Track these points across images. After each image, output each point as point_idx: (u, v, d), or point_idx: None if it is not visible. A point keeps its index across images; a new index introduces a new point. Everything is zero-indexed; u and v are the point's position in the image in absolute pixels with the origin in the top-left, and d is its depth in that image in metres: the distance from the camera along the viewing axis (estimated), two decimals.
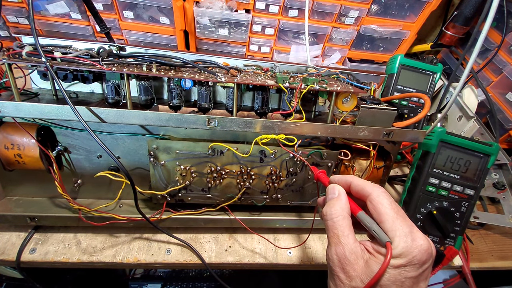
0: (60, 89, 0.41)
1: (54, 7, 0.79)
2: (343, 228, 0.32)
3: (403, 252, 0.29)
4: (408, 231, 0.30)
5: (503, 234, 0.73)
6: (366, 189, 0.34)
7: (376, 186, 0.35)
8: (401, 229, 0.30)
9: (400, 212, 0.32)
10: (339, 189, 0.36)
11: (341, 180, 0.38)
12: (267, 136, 0.49)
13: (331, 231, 0.33)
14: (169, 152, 0.50)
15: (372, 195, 0.33)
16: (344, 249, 0.31)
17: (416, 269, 0.29)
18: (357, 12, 0.83)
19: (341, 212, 0.33)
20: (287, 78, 0.48)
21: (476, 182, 0.60)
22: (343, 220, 0.33)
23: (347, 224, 0.33)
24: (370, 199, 0.34)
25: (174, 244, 0.58)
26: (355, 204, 0.35)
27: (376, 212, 0.32)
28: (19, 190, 0.56)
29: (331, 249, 0.32)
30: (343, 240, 0.31)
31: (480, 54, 0.87)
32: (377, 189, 0.34)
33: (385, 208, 0.32)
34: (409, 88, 0.71)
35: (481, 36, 0.54)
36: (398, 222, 0.31)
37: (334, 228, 0.33)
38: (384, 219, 0.31)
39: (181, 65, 0.48)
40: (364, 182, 0.36)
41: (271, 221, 0.60)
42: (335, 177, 0.39)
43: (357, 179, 0.36)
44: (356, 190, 0.36)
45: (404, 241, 0.29)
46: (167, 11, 0.82)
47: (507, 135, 0.83)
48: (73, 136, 0.51)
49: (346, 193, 0.37)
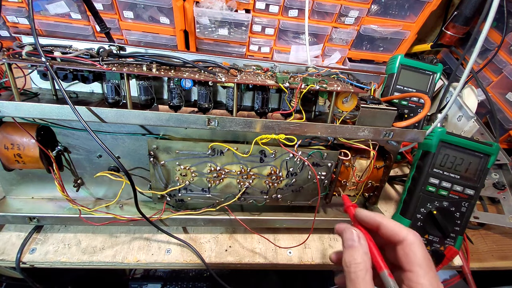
0: (60, 89, 0.41)
1: (54, 7, 0.79)
2: (365, 284, 0.30)
3: None
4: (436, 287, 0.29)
5: (503, 234, 0.73)
6: (400, 235, 0.32)
7: (410, 231, 0.33)
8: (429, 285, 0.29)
9: (432, 266, 0.31)
10: (360, 235, 0.34)
11: (368, 217, 0.35)
12: (267, 136, 0.49)
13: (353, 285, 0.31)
14: (169, 152, 0.50)
15: (407, 241, 0.32)
16: None
17: None
18: (357, 12, 0.83)
19: (364, 265, 0.31)
20: (287, 78, 0.48)
21: (476, 182, 0.60)
22: (366, 275, 0.31)
23: (369, 279, 0.31)
24: (404, 244, 0.32)
25: (174, 244, 0.58)
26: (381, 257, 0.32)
27: (407, 259, 0.31)
28: (19, 190, 0.56)
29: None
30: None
31: (480, 54, 0.87)
32: (412, 235, 0.32)
33: (418, 259, 0.31)
34: (409, 88, 0.71)
35: (481, 36, 0.54)
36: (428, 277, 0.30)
37: (357, 283, 0.31)
38: (415, 270, 0.30)
39: (181, 65, 0.48)
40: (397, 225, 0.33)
41: (271, 221, 0.60)
42: (362, 213, 0.36)
43: (387, 220, 0.34)
44: (387, 234, 0.33)
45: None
46: (167, 11, 0.82)
47: (507, 135, 0.83)
48: (73, 136, 0.51)
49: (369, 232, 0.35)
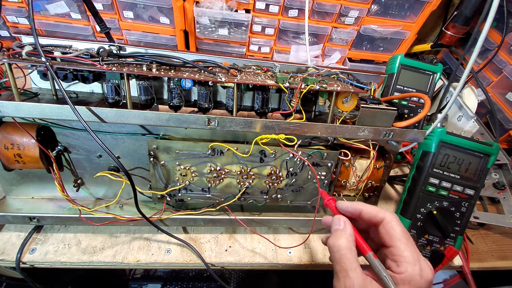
0: (60, 89, 0.41)
1: (54, 7, 0.79)
2: (351, 262, 0.33)
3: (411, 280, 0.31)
4: (417, 259, 0.32)
5: (503, 234, 0.73)
6: (379, 216, 0.35)
7: (388, 212, 0.36)
8: (411, 257, 0.32)
9: (410, 239, 0.34)
10: (345, 220, 0.37)
11: (349, 207, 0.38)
12: (267, 136, 0.49)
13: (339, 264, 0.33)
14: (169, 152, 0.50)
15: (386, 219, 0.35)
16: (353, 283, 0.31)
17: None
18: (357, 12, 0.83)
19: (347, 244, 0.34)
20: (287, 78, 0.48)
21: (476, 182, 0.60)
22: (350, 253, 0.33)
23: (354, 257, 0.33)
24: (383, 224, 0.35)
25: (174, 244, 0.58)
26: (364, 242, 0.35)
27: (388, 236, 0.34)
28: (19, 190, 0.56)
29: (340, 282, 0.33)
30: (351, 274, 0.32)
31: (480, 54, 0.87)
32: (389, 215, 0.35)
33: (397, 234, 0.34)
34: (409, 88, 0.71)
35: (481, 36, 0.54)
36: (409, 249, 0.33)
37: (341, 261, 0.33)
38: (396, 244, 0.33)
39: (181, 65, 0.48)
40: (375, 209, 0.36)
41: (271, 221, 0.60)
42: (343, 204, 0.39)
43: (367, 206, 0.37)
44: (368, 217, 0.36)
45: (412, 268, 0.31)
46: (167, 11, 0.82)
47: (507, 135, 0.83)
48: (73, 136, 0.51)
49: (353, 221, 0.37)
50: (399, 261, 0.32)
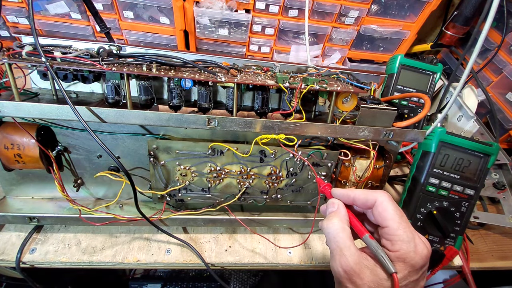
0: (60, 89, 0.41)
1: (54, 7, 0.79)
2: (344, 240, 0.33)
3: (406, 257, 0.31)
4: (411, 237, 0.32)
5: (503, 234, 0.73)
6: (370, 197, 0.35)
7: (379, 192, 0.36)
8: (405, 235, 0.32)
9: (404, 217, 0.34)
10: (338, 202, 0.37)
11: (342, 193, 0.38)
12: (267, 136, 0.49)
13: (333, 243, 0.34)
14: (169, 152, 0.50)
15: (377, 201, 0.35)
16: (348, 260, 0.32)
17: (417, 273, 0.32)
18: (357, 12, 0.83)
19: (340, 224, 0.34)
20: (287, 78, 0.48)
21: (476, 182, 0.60)
22: (343, 232, 0.33)
23: (347, 235, 0.33)
24: (375, 206, 0.35)
25: (174, 244, 0.58)
26: (360, 224, 0.35)
27: (381, 218, 0.34)
28: (19, 190, 0.56)
29: (336, 261, 0.33)
30: (346, 252, 0.32)
31: (480, 54, 0.87)
32: (380, 195, 0.35)
33: (389, 214, 0.33)
34: (409, 88, 0.71)
35: (481, 36, 0.54)
36: (402, 227, 0.33)
37: (335, 240, 0.33)
38: (389, 224, 0.33)
39: (181, 65, 0.48)
40: (366, 192, 0.36)
41: (271, 221, 0.60)
42: (336, 191, 0.39)
43: (358, 190, 0.37)
44: (361, 202, 0.36)
45: (407, 246, 0.32)
46: (167, 11, 0.82)
47: (507, 135, 0.83)
48: (73, 136, 0.51)
49: (350, 207, 0.38)
50: (393, 240, 0.32)
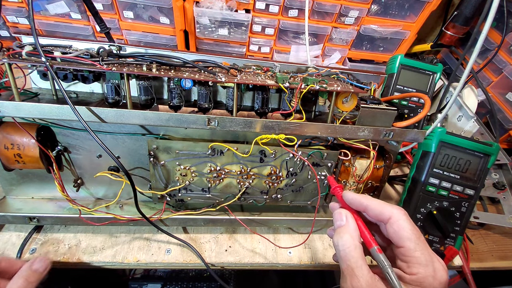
0: (60, 89, 0.41)
1: (54, 7, 0.79)
2: (356, 260, 0.31)
3: (423, 281, 0.29)
4: (429, 260, 0.30)
5: (503, 234, 0.73)
6: (385, 212, 0.33)
7: (395, 207, 0.34)
8: (423, 257, 0.30)
9: (421, 238, 0.32)
10: (347, 214, 0.35)
11: (355, 199, 0.36)
12: (267, 136, 0.49)
13: (344, 263, 0.32)
14: (169, 152, 0.50)
15: (393, 218, 0.33)
16: (360, 282, 0.30)
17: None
18: (357, 12, 0.83)
19: (352, 242, 0.32)
20: (287, 78, 0.48)
21: (476, 182, 0.60)
22: (355, 251, 0.32)
23: (359, 254, 0.32)
24: (390, 222, 0.33)
25: (174, 244, 0.58)
26: (370, 236, 0.34)
27: (396, 236, 0.32)
28: (19, 190, 0.56)
29: (346, 282, 0.31)
30: (357, 272, 0.30)
31: (480, 54, 0.87)
32: (396, 212, 0.33)
33: (406, 233, 0.31)
34: (409, 88, 0.71)
35: (481, 36, 0.54)
36: (419, 248, 0.30)
37: (347, 259, 0.32)
38: (406, 244, 0.31)
39: (181, 65, 0.48)
40: (381, 205, 0.34)
41: (271, 221, 0.60)
42: (348, 195, 0.37)
43: (372, 200, 0.35)
44: (374, 214, 0.34)
45: (425, 270, 0.30)
46: (167, 11, 0.82)
47: (507, 135, 0.83)
48: (73, 136, 0.51)
49: (360, 213, 0.36)
50: (410, 262, 0.30)
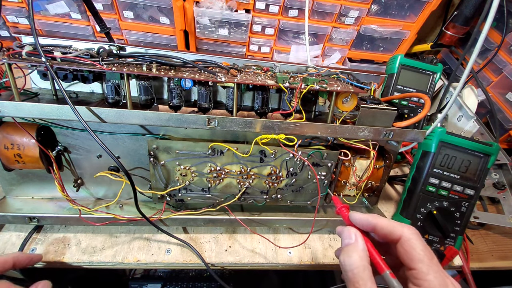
0: (60, 89, 0.41)
1: (54, 7, 0.79)
2: (365, 282, 0.29)
3: None
4: (443, 284, 0.29)
5: (503, 234, 0.73)
6: (395, 232, 0.32)
7: (405, 226, 0.32)
8: (436, 281, 0.29)
9: (434, 259, 0.30)
10: (356, 233, 0.34)
11: (362, 219, 0.34)
12: (267, 136, 0.49)
13: (352, 285, 0.30)
14: (169, 152, 0.50)
15: (403, 237, 0.31)
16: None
17: None
18: (357, 12, 0.83)
19: (360, 262, 0.30)
20: (287, 78, 0.48)
21: (476, 182, 0.60)
22: (364, 272, 0.30)
23: (368, 276, 0.30)
24: (401, 242, 0.31)
25: (174, 244, 0.58)
26: (380, 258, 0.32)
27: (408, 257, 0.30)
28: (19, 190, 0.56)
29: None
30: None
31: (480, 54, 0.87)
32: (407, 231, 0.31)
33: (418, 255, 0.30)
34: (409, 88, 0.71)
35: (481, 36, 0.54)
36: (433, 271, 0.29)
37: (355, 281, 0.30)
38: (418, 267, 0.30)
39: (181, 65, 0.48)
40: (391, 223, 0.33)
41: (271, 221, 0.60)
42: (355, 216, 0.35)
43: (381, 219, 0.33)
44: (383, 233, 0.33)
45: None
46: (167, 11, 0.82)
47: (507, 135, 0.83)
48: (73, 136, 0.51)
49: (368, 233, 0.35)
50: (423, 285, 0.29)
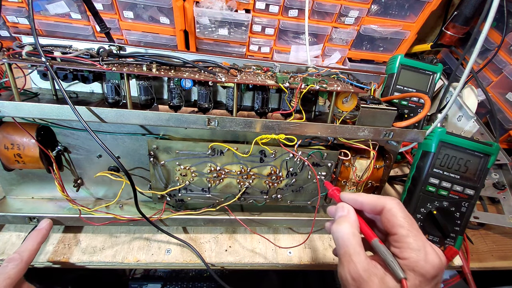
0: (60, 89, 0.41)
1: (54, 7, 0.79)
2: (354, 246, 0.32)
3: (415, 266, 0.30)
4: (421, 245, 0.31)
5: (503, 234, 0.73)
6: (379, 203, 0.34)
7: (388, 198, 0.34)
8: (415, 243, 0.31)
9: (414, 225, 0.32)
10: (348, 207, 0.36)
11: (350, 198, 0.38)
12: (267, 136, 0.49)
13: (342, 249, 0.33)
14: (169, 152, 0.50)
15: (386, 207, 0.34)
16: (357, 267, 0.31)
17: (428, 283, 0.30)
18: (357, 12, 0.83)
19: (350, 229, 0.33)
20: (287, 78, 0.48)
21: (476, 182, 0.60)
22: (353, 238, 0.32)
23: (357, 241, 0.32)
24: (384, 212, 0.34)
25: (174, 244, 0.58)
26: (370, 229, 0.35)
27: (389, 224, 0.33)
28: (19, 190, 0.56)
29: (344, 268, 0.32)
30: (355, 258, 0.31)
31: (480, 54, 0.87)
32: (390, 201, 0.34)
33: (399, 221, 0.32)
34: (409, 88, 0.71)
35: (481, 36, 0.54)
36: (412, 235, 0.31)
37: (344, 246, 0.32)
38: (398, 231, 0.32)
39: (181, 65, 0.48)
40: (375, 197, 0.35)
41: (271, 221, 0.60)
42: (345, 195, 0.38)
43: (367, 196, 0.36)
44: (370, 208, 0.36)
45: (416, 254, 0.30)
46: (167, 11, 0.82)
47: (507, 135, 0.83)
48: (73, 136, 0.51)
49: (360, 212, 0.37)
50: (402, 247, 0.31)
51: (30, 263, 0.45)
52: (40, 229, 0.49)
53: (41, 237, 0.48)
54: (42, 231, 0.49)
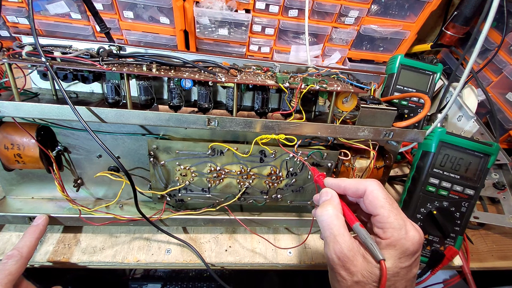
0: (60, 89, 0.41)
1: (54, 7, 0.79)
2: (338, 227, 0.34)
3: (396, 244, 0.32)
4: (402, 224, 0.33)
5: (503, 234, 0.73)
6: (360, 186, 0.36)
7: (368, 180, 0.36)
8: (396, 222, 0.33)
9: (394, 205, 0.35)
10: (332, 191, 0.38)
11: (334, 183, 0.39)
12: (267, 136, 0.49)
13: (327, 231, 0.34)
14: (169, 152, 0.50)
15: (367, 190, 0.35)
16: (342, 247, 0.32)
17: (409, 259, 0.32)
18: (357, 12, 0.83)
19: (334, 212, 0.35)
20: (287, 78, 0.48)
21: (476, 182, 0.60)
22: (337, 219, 0.34)
23: (341, 222, 0.34)
24: (366, 194, 0.36)
25: (174, 244, 0.58)
26: (351, 214, 0.36)
27: (372, 206, 0.35)
28: (19, 190, 0.56)
29: (330, 248, 0.33)
30: (339, 239, 0.33)
31: (480, 54, 0.87)
32: (370, 184, 0.36)
33: (380, 202, 0.34)
34: (409, 88, 0.71)
35: (481, 36, 0.54)
36: (393, 214, 0.33)
37: (329, 227, 0.34)
38: (380, 212, 0.34)
39: (181, 65, 0.48)
40: (356, 181, 0.37)
41: (271, 221, 0.60)
42: (329, 180, 0.40)
43: (349, 180, 0.38)
44: (352, 191, 0.37)
45: (398, 233, 0.32)
46: (167, 11, 0.82)
47: (507, 135, 0.83)
48: (73, 136, 0.51)
49: (343, 197, 0.39)
50: (384, 227, 0.33)
51: (29, 258, 0.45)
52: (37, 224, 0.49)
53: (39, 233, 0.48)
54: (39, 227, 0.49)
